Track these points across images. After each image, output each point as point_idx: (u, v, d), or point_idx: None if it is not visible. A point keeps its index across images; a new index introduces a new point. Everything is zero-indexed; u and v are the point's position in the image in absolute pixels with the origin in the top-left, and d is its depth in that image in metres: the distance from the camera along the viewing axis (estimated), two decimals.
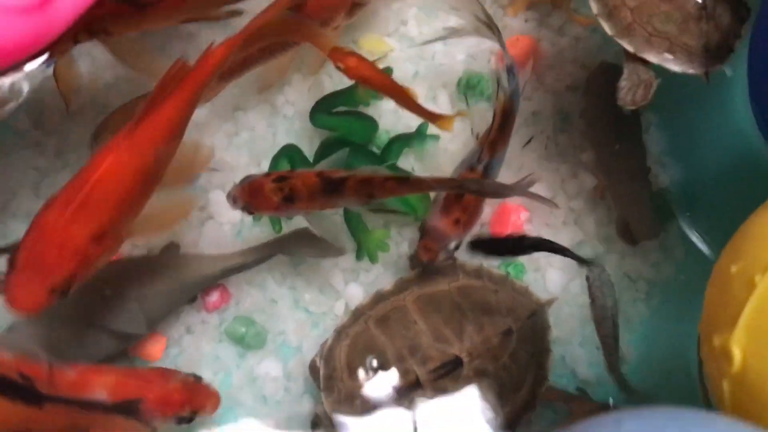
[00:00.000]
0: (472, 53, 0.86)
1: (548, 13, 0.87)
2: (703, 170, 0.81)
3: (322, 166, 0.72)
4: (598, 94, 0.81)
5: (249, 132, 0.82)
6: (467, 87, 0.84)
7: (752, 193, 0.64)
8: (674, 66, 0.69)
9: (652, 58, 0.69)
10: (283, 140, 0.82)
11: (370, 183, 0.64)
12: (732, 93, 0.78)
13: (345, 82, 0.82)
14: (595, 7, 0.69)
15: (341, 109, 0.81)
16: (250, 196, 0.66)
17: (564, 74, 0.85)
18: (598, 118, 0.81)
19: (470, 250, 0.67)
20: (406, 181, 0.66)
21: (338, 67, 0.73)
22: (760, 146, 0.73)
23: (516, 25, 0.87)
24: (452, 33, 0.76)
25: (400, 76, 0.84)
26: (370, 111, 0.83)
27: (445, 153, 0.82)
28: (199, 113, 0.78)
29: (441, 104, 0.84)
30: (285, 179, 0.65)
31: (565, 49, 0.86)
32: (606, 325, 0.68)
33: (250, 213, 0.68)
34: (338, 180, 0.64)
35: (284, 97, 0.84)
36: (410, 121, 0.83)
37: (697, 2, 0.68)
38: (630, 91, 0.70)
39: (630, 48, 0.69)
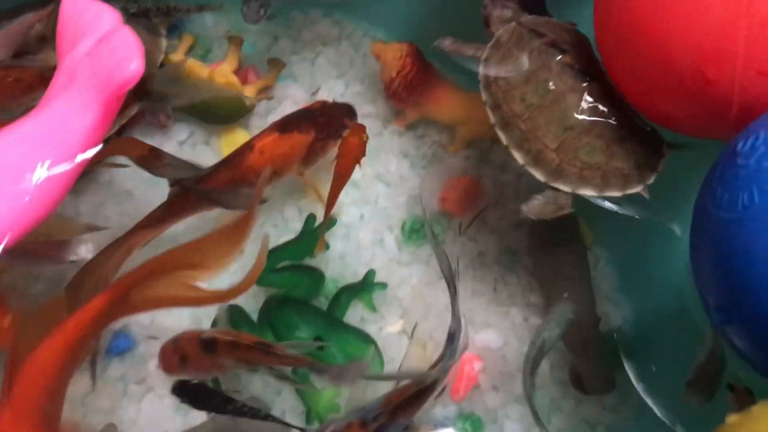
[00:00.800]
0: (413, 194, 0.86)
1: (489, 147, 0.88)
2: (650, 314, 0.81)
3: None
4: (543, 238, 0.81)
5: None
6: (411, 230, 0.83)
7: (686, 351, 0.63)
8: (614, 192, 0.69)
9: (590, 192, 0.69)
10: None
11: (237, 347, 0.63)
12: (675, 247, 0.79)
13: (289, 233, 0.81)
14: (520, 158, 0.69)
15: (286, 263, 0.79)
16: (160, 359, 0.65)
17: (507, 212, 0.86)
18: (544, 259, 0.81)
19: (174, 393, 0.65)
20: (268, 353, 0.64)
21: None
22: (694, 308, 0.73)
23: (456, 163, 0.87)
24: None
25: (346, 220, 0.84)
26: (317, 260, 0.81)
27: (394, 300, 0.81)
28: None
29: (388, 247, 0.83)
30: (177, 341, 0.64)
31: (508, 185, 0.87)
32: None
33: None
34: (212, 341, 0.63)
35: None
36: (358, 268, 0.81)
37: (615, 124, 0.68)
38: (541, 206, 0.70)
39: (567, 188, 0.69)
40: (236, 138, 0.85)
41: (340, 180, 0.76)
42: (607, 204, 0.71)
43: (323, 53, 0.90)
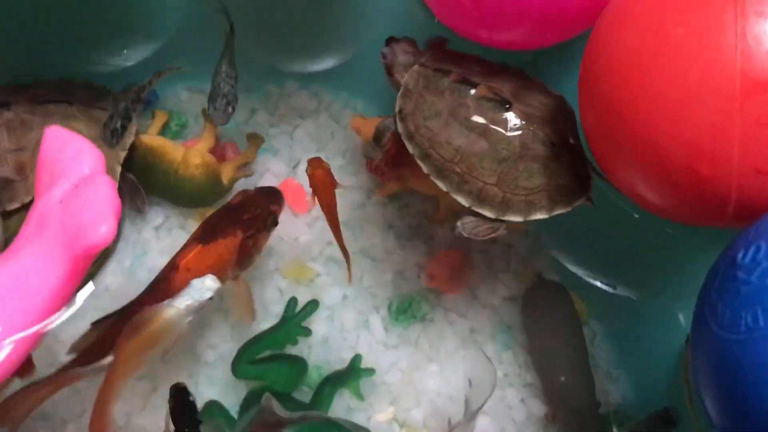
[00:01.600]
0: (399, 269, 0.82)
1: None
2: (650, 390, 0.77)
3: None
4: (537, 313, 0.78)
5: (166, 387, 0.75)
6: (398, 311, 0.80)
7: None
8: (562, 210, 0.66)
9: (540, 215, 0.66)
10: (205, 391, 0.75)
11: None
12: (674, 321, 0.75)
13: (270, 319, 0.77)
14: (463, 201, 0.67)
15: (266, 353, 0.75)
16: None
17: (498, 285, 0.82)
18: (539, 337, 0.78)
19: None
20: None
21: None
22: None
23: (441, 235, 0.84)
24: None
25: (328, 302, 0.80)
26: (299, 346, 0.77)
27: (383, 386, 0.77)
28: None
29: (374, 329, 0.80)
30: None
31: (497, 257, 0.83)
32: None
33: None
34: None
35: (205, 341, 0.78)
36: (343, 352, 0.77)
37: (545, 142, 0.65)
38: (474, 225, 0.67)
39: (518, 218, 0.66)
40: None
41: (331, 214, 0.74)
42: (602, 286, 0.68)
43: (302, 126, 0.87)
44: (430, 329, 0.80)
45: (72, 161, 0.53)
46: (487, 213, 0.66)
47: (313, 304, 0.78)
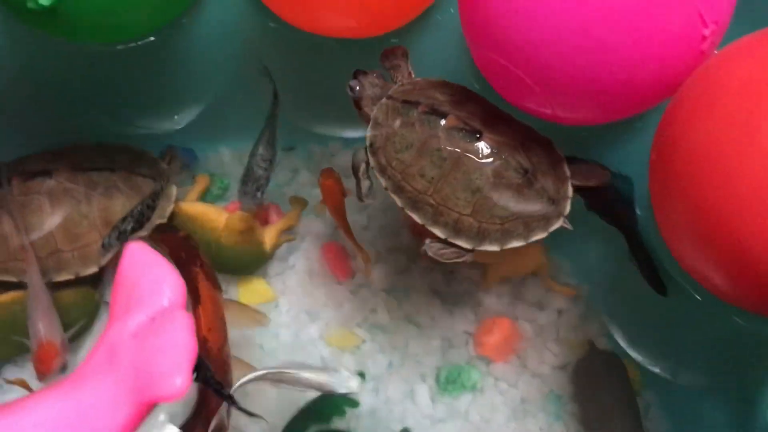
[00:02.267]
0: (447, 337, 0.80)
1: (522, 284, 0.83)
2: None
3: None
4: (589, 384, 0.75)
5: None
6: (447, 381, 0.78)
7: None
8: (540, 235, 0.65)
9: (517, 243, 0.65)
10: None
11: None
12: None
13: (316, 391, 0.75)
14: (439, 233, 0.65)
15: (314, 428, 0.73)
16: None
17: (548, 354, 0.80)
18: (592, 408, 0.75)
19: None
20: None
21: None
22: None
23: (489, 302, 0.82)
24: None
25: (373, 371, 0.78)
26: (346, 419, 0.75)
27: None
28: None
29: (421, 400, 0.77)
30: None
31: (546, 325, 0.81)
32: None
33: None
34: None
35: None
36: (390, 424, 0.75)
37: (518, 168, 0.64)
38: (440, 246, 0.66)
39: (495, 248, 0.65)
40: (254, 287, 0.81)
41: (338, 214, 0.76)
42: (662, 373, 0.65)
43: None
44: (480, 400, 0.78)
45: (151, 289, 0.51)
46: (464, 244, 0.65)
47: (359, 375, 0.76)
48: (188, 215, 0.78)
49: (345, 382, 0.67)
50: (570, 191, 0.66)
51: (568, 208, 0.66)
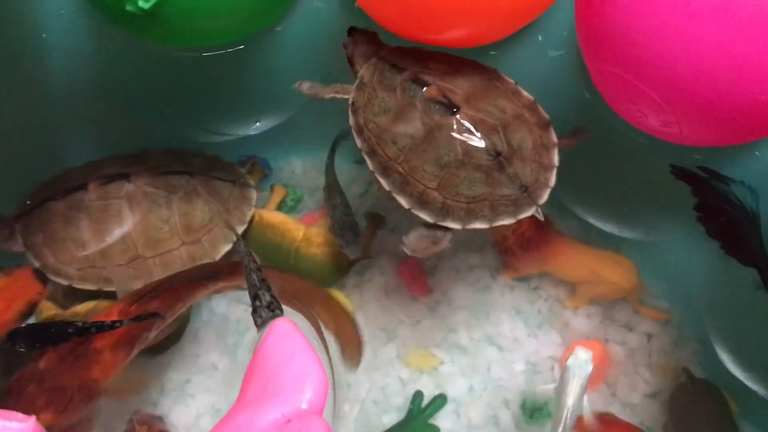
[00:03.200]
0: (532, 361, 0.76)
1: (611, 305, 0.78)
2: None
3: None
4: (685, 416, 0.71)
5: None
6: (533, 408, 0.73)
7: None
8: (506, 221, 0.63)
9: (480, 225, 0.63)
10: None
11: None
12: None
13: (392, 412, 0.72)
14: (404, 202, 0.64)
15: None
16: None
17: (638, 381, 0.75)
18: None
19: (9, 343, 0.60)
20: None
21: None
22: None
23: (578, 323, 0.77)
24: None
25: (452, 394, 0.74)
26: None
27: None
28: None
29: (504, 426, 0.73)
30: None
31: (636, 349, 0.76)
32: None
33: None
34: None
35: None
36: None
37: (490, 151, 0.62)
38: (416, 240, 0.64)
39: (457, 225, 0.63)
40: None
41: None
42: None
43: None
44: None
45: (293, 384, 0.45)
46: (427, 217, 0.63)
47: (441, 399, 0.72)
48: (269, 223, 0.75)
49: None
50: (552, 180, 0.64)
51: (544, 198, 0.63)
